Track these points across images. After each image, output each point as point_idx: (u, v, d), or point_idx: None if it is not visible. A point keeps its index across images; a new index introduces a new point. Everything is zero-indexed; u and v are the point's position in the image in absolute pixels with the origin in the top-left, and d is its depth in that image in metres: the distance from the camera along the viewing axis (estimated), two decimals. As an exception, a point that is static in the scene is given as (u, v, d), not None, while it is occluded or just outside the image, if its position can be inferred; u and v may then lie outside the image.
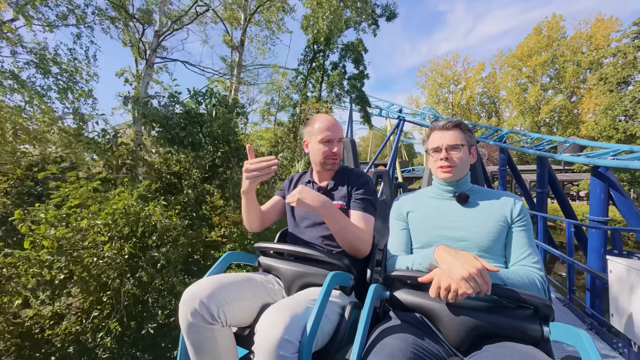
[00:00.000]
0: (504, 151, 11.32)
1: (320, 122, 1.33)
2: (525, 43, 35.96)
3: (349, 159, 2.27)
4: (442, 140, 1.12)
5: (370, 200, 1.30)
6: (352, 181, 1.34)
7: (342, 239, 1.17)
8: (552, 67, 34.28)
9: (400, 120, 17.27)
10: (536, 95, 34.15)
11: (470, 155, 1.15)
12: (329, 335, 1.01)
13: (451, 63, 45.03)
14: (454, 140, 1.11)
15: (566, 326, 0.79)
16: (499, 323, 0.86)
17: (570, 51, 32.65)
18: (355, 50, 11.35)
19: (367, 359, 0.77)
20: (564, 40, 33.32)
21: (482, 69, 42.66)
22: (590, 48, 31.12)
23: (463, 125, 1.13)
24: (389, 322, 0.94)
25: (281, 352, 0.80)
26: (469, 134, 1.14)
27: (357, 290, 1.23)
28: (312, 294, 1.03)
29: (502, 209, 1.07)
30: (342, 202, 1.30)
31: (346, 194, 1.31)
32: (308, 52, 11.13)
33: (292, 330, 0.83)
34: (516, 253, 1.02)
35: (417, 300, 0.98)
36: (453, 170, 1.11)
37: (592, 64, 29.89)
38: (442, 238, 1.08)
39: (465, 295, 0.79)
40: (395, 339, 0.80)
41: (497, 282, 0.88)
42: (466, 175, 1.16)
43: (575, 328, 0.76)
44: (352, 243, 1.17)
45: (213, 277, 1.06)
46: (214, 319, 0.95)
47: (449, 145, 1.11)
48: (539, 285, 0.93)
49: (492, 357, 0.78)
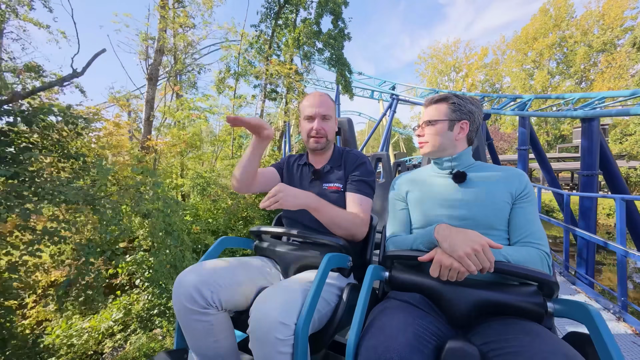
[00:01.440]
0: (525, 124, 8.87)
1: (306, 99, 1.31)
2: (531, 25, 33.59)
3: (346, 140, 1.89)
4: (424, 116, 1.14)
5: (367, 181, 1.25)
6: (349, 163, 1.31)
7: (336, 228, 1.14)
8: (560, 50, 31.96)
9: (394, 100, 15.15)
10: (543, 81, 32.03)
11: (454, 130, 1.09)
12: (327, 317, 1.01)
13: (452, 49, 42.88)
14: (431, 115, 1.11)
15: (573, 301, 0.77)
16: (502, 300, 0.84)
17: (580, 32, 30.28)
18: (332, 1, 9.00)
19: (365, 339, 0.75)
20: (574, 20, 30.90)
21: (485, 54, 40.45)
22: (602, 27, 28.71)
23: (451, 99, 1.10)
24: (388, 302, 0.92)
25: (277, 335, 0.79)
26: (456, 107, 1.09)
27: (356, 272, 1.23)
28: (308, 277, 1.01)
29: (506, 184, 1.02)
30: (338, 184, 1.28)
31: (343, 176, 1.29)
32: (272, 3, 8.87)
33: (288, 313, 0.82)
34: (520, 230, 0.98)
35: (417, 279, 0.96)
36: (425, 145, 1.13)
37: (606, 45, 27.60)
38: (442, 217, 1.04)
39: (466, 273, 0.79)
40: (395, 319, 0.79)
41: (500, 260, 0.85)
42: (462, 151, 1.11)
43: (583, 303, 0.74)
44: (346, 230, 1.14)
45: (207, 262, 1.06)
46: (208, 304, 0.93)
47: (424, 121, 1.13)
48: (542, 261, 0.91)
49: (493, 333, 0.76)
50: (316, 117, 1.25)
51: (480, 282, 0.90)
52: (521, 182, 1.01)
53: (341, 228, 1.12)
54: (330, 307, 1.01)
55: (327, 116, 1.26)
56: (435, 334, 0.79)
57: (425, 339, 0.74)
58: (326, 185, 1.28)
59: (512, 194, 1.01)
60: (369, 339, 0.73)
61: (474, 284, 0.88)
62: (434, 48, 44.35)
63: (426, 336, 0.75)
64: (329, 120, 1.27)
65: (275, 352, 0.80)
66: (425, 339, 0.74)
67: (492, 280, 0.92)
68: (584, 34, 30.16)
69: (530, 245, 0.94)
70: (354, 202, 1.20)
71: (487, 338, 0.76)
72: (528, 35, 33.51)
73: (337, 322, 0.98)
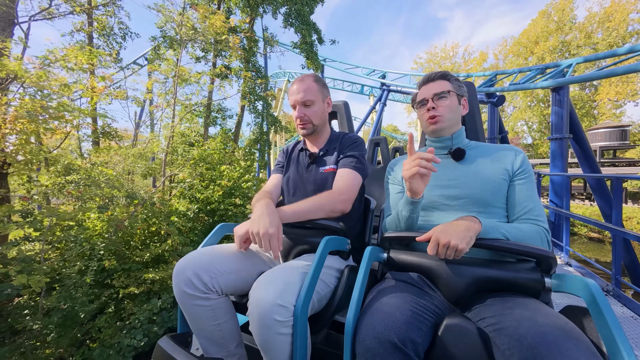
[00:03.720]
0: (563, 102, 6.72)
1: (291, 85, 1.31)
2: (531, 28, 32.23)
3: (342, 124, 1.85)
4: (428, 91, 1.09)
5: (353, 155, 1.25)
6: (342, 145, 1.30)
7: (320, 214, 1.11)
8: (562, 56, 30.47)
9: (384, 90, 13.18)
10: (545, 86, 30.35)
11: (460, 105, 1.11)
12: (326, 298, 1.02)
13: (451, 54, 41.46)
14: (440, 88, 1.07)
15: (571, 276, 0.77)
16: (499, 277, 0.84)
17: (584, 35, 28.85)
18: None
19: (364, 318, 0.75)
20: (577, 23, 29.54)
21: (484, 59, 39.03)
22: (608, 30, 27.30)
23: (450, 76, 1.10)
24: (386, 282, 0.93)
25: (275, 317, 0.79)
26: (457, 83, 1.10)
27: (356, 255, 1.25)
28: (307, 260, 1.02)
29: (502, 162, 1.03)
30: (333, 165, 1.26)
31: (337, 158, 1.28)
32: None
33: (286, 295, 0.82)
34: (518, 207, 0.98)
35: (414, 260, 0.97)
36: (440, 120, 1.07)
37: (613, 47, 26.11)
38: (439, 197, 1.04)
39: (464, 250, 0.78)
40: (393, 298, 0.80)
41: (499, 237, 0.85)
42: (460, 129, 1.11)
43: (581, 277, 0.73)
44: (327, 209, 1.12)
45: (206, 248, 1.06)
46: (208, 289, 0.94)
47: (434, 94, 1.08)
48: (541, 237, 0.91)
49: (491, 310, 0.76)
50: (297, 105, 1.25)
51: (477, 260, 0.90)
52: (518, 159, 1.02)
53: (322, 210, 1.11)
54: (330, 288, 1.03)
55: (307, 101, 1.24)
56: (434, 311, 0.81)
57: (423, 317, 0.76)
58: (322, 168, 1.27)
59: (509, 171, 1.01)
60: (368, 318, 0.74)
61: (471, 261, 0.89)
62: (430, 53, 43.00)
63: (424, 314, 0.77)
64: (311, 105, 1.25)
65: (275, 333, 0.80)
66: (423, 317, 0.76)
67: (490, 257, 0.92)
68: (588, 36, 28.76)
69: (529, 222, 0.94)
70: (337, 177, 1.20)
71: (484, 314, 0.77)
72: (529, 39, 32.09)
73: (336, 303, 1.00)
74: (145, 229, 4.31)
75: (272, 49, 8.18)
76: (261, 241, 0.92)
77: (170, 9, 6.28)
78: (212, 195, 4.90)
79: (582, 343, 0.60)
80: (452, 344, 0.72)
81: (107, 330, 2.80)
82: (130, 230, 3.91)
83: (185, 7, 6.62)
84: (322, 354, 1.12)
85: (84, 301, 2.53)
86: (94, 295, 2.89)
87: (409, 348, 0.67)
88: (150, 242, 4.26)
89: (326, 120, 1.34)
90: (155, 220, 4.39)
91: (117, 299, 3.26)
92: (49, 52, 3.39)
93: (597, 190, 6.89)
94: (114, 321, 3.02)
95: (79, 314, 2.47)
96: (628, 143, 24.18)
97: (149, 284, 3.47)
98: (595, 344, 0.65)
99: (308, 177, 1.26)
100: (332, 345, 1.14)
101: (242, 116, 7.82)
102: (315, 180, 1.24)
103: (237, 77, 7.59)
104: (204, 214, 5.00)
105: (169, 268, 3.74)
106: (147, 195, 4.26)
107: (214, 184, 5.07)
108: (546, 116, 30.95)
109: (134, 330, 2.82)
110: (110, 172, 4.56)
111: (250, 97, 7.18)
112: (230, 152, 5.70)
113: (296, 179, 1.30)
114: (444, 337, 0.74)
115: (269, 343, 0.80)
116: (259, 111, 7.90)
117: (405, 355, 0.67)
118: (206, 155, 5.50)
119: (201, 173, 5.17)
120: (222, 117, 7.66)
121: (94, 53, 3.86)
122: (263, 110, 7.98)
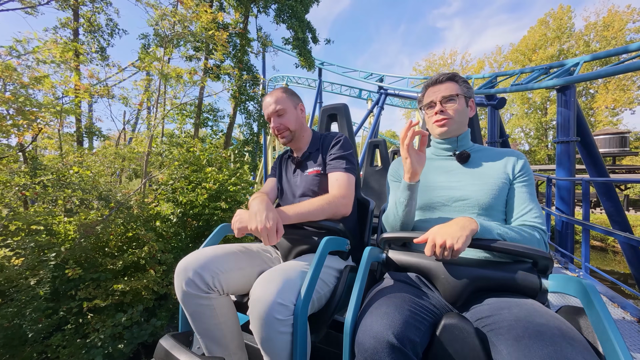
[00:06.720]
0: (569, 103, 6.38)
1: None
2: (529, 37, 32.40)
3: (342, 125, 1.78)
4: (436, 94, 1.08)
5: (342, 155, 1.26)
6: (325, 144, 1.32)
7: (321, 215, 1.12)
8: (560, 63, 30.56)
9: (382, 94, 12.99)
10: (543, 93, 30.33)
11: (468, 107, 1.11)
12: (326, 298, 1.03)
13: (449, 61, 41.61)
14: (448, 91, 1.06)
15: (567, 277, 0.77)
16: (496, 277, 0.85)
17: (582, 44, 29.00)
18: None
19: (362, 318, 0.76)
20: (576, 32, 29.71)
21: (481, 67, 39.19)
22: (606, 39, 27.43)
23: (458, 77, 1.10)
24: (385, 282, 0.94)
25: (276, 316, 0.80)
26: (465, 85, 1.10)
27: (355, 255, 1.27)
28: (307, 260, 1.03)
29: (504, 166, 1.04)
30: (318, 167, 1.28)
31: (322, 159, 1.30)
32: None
33: (286, 294, 0.83)
34: (517, 209, 0.99)
35: (413, 260, 0.97)
36: (449, 123, 1.07)
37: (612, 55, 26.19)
38: (441, 199, 1.04)
39: (460, 250, 0.78)
40: (391, 298, 0.80)
41: (496, 238, 0.85)
42: (466, 131, 1.12)
43: (577, 278, 0.74)
44: (329, 212, 1.14)
45: (207, 248, 1.07)
46: (210, 288, 0.95)
47: (443, 97, 1.07)
48: (538, 238, 0.91)
49: (488, 310, 0.77)
50: (272, 117, 1.28)
51: (475, 261, 0.91)
52: (518, 163, 1.02)
53: (324, 212, 1.12)
54: (329, 288, 1.05)
55: (280, 111, 1.27)
56: (432, 311, 0.81)
57: (422, 316, 0.76)
58: (307, 171, 1.29)
59: (509, 174, 1.02)
60: (367, 317, 0.74)
61: (468, 262, 0.89)
62: (429, 60, 43.18)
63: (422, 314, 0.77)
64: (283, 114, 1.28)
65: (275, 332, 0.80)
66: (422, 316, 0.76)
67: (487, 258, 0.92)
68: (587, 45, 28.90)
69: (527, 223, 0.94)
70: (332, 181, 1.22)
71: (482, 314, 0.77)
72: (527, 47, 32.24)
73: (336, 302, 1.01)
74: (121, 234, 4.01)
75: (266, 48, 7.96)
76: (259, 235, 0.94)
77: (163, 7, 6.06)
78: (197, 198, 4.60)
79: (579, 343, 0.61)
80: (450, 343, 0.73)
81: (63, 350, 2.49)
82: (102, 236, 3.60)
83: (176, 5, 6.40)
84: (321, 352, 1.14)
85: (33, 317, 2.22)
86: (50, 310, 2.58)
87: (407, 347, 0.67)
88: (128, 249, 3.95)
89: (303, 125, 1.35)
90: (133, 225, 4.08)
91: (80, 312, 2.95)
92: (16, 41, 3.13)
93: (605, 197, 6.57)
94: (75, 338, 2.71)
95: (27, 332, 2.16)
96: (628, 149, 24.07)
97: (118, 296, 3.15)
98: (592, 343, 0.65)
99: (295, 181, 1.31)
100: (332, 344, 1.15)
101: (234, 117, 7.55)
102: (301, 184, 1.28)
103: (229, 77, 7.34)
104: (190, 218, 4.70)
105: (144, 277, 3.44)
106: (124, 198, 3.95)
107: (200, 187, 4.78)
108: (543, 123, 30.93)
109: (94, 349, 2.51)
110: (87, 172, 4.26)
111: (240, 97, 6.93)
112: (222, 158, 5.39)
113: (286, 185, 1.37)
114: (442, 337, 0.75)
115: (269, 341, 0.81)
116: (250, 112, 7.66)
117: (403, 355, 0.67)
118: (190, 157, 5.20)
119: (186, 175, 4.88)
120: (214, 119, 7.39)
121: (69, 46, 3.59)
122: (255, 111, 7.74)
